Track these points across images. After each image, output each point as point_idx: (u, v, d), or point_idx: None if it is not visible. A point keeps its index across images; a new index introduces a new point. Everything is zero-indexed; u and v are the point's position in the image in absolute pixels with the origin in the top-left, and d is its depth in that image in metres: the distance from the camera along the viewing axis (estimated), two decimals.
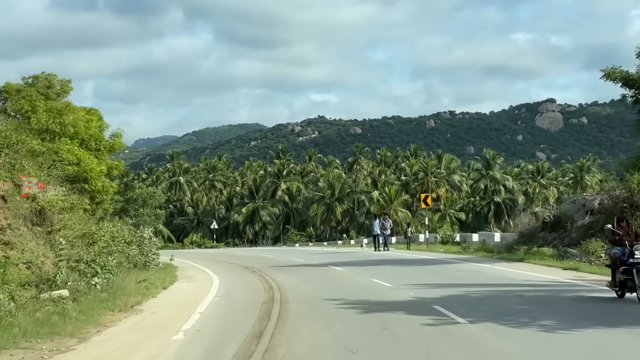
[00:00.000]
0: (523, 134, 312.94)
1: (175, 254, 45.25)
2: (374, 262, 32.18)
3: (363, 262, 32.38)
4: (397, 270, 27.43)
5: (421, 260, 32.47)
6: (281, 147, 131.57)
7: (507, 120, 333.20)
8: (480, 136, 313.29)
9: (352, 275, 25.98)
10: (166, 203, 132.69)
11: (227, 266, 35.26)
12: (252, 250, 59.82)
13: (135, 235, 32.71)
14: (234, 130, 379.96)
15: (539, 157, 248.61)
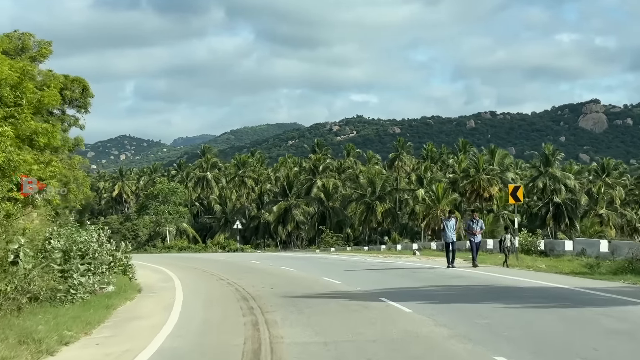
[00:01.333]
0: (566, 135, 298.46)
1: (186, 259, 38.37)
2: (476, 297, 17.32)
3: (450, 295, 18.10)
4: (556, 334, 12.51)
5: (564, 296, 17.46)
6: (317, 141, 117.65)
7: (550, 121, 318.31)
8: (522, 137, 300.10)
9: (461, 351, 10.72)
10: (197, 200, 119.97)
11: (218, 291, 21.58)
12: (275, 258, 45.90)
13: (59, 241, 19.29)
14: (272, 130, 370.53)
15: (582, 159, 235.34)
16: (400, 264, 32.24)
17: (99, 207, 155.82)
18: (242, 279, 25.45)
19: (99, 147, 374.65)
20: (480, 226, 27.79)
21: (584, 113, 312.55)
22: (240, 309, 16.39)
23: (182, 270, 32.97)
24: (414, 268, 27.96)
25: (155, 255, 70.48)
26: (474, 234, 27.51)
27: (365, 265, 31.83)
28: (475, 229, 27.59)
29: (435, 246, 53.99)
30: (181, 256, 58.02)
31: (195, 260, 44.52)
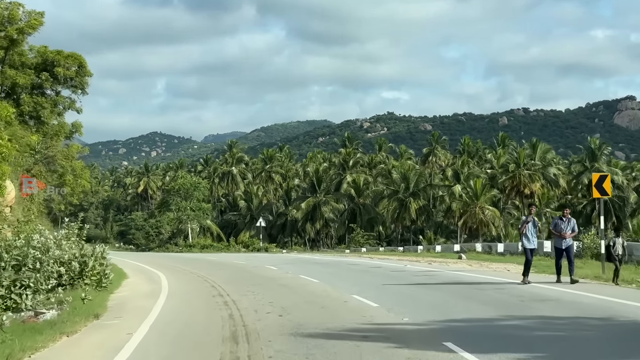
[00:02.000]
0: (601, 132, 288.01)
1: (198, 262, 35.50)
2: (611, 346, 10.28)
3: (558, 337, 11.20)
4: None
5: None
6: (347, 134, 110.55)
7: (584, 118, 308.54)
8: (555, 134, 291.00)
9: None
10: (223, 196, 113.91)
11: (204, 318, 14.96)
12: (297, 262, 39.10)
13: None
14: (302, 127, 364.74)
15: (618, 156, 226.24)
16: (450, 273, 25.33)
17: (125, 203, 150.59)
18: (246, 295, 18.92)
19: (130, 144, 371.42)
20: (572, 227, 20.43)
21: (619, 110, 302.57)
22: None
23: (181, 280, 26.68)
24: (475, 283, 20.83)
25: (171, 255, 64.34)
26: (564, 237, 20.26)
27: (407, 274, 25.07)
28: (565, 231, 20.37)
29: (481, 248, 47.03)
30: (195, 258, 51.62)
31: (206, 265, 38.15)
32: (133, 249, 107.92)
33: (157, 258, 52.70)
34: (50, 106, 38.37)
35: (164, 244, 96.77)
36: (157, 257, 57.38)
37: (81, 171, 41.41)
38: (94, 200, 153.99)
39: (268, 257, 48.12)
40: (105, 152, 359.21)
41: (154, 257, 54.48)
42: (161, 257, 54.41)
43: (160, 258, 52.68)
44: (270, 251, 74.11)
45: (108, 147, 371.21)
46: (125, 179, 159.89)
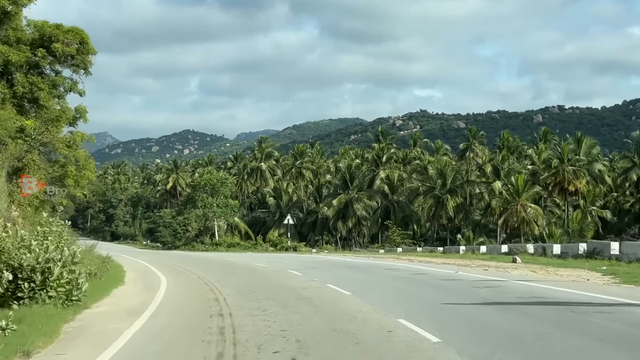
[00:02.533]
0: (639, 129, 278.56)
1: (215, 264, 31.81)
2: None
3: None
4: None
5: None
6: (381, 129, 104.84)
7: (621, 115, 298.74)
8: (592, 132, 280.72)
9: None
10: (252, 193, 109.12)
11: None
12: (326, 265, 33.84)
13: None
14: (334, 125, 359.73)
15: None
16: (518, 285, 19.73)
17: (154, 200, 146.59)
18: (254, 315, 13.82)
19: (163, 142, 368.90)
20: None
21: None
22: None
23: (181, 289, 21.84)
24: (565, 303, 15.07)
25: (192, 255, 59.50)
26: None
27: (464, 285, 19.68)
28: None
29: (533, 249, 41.36)
30: (215, 258, 46.61)
31: (221, 268, 33.22)
32: (159, 247, 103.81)
33: (174, 258, 47.98)
34: (48, 87, 33.48)
35: (190, 242, 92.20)
36: (175, 257, 52.65)
37: (85, 161, 36.48)
38: (122, 197, 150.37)
39: (294, 258, 42.87)
40: (138, 149, 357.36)
41: (171, 258, 49.76)
42: (179, 258, 49.65)
43: (178, 258, 47.95)
44: (299, 250, 69.03)
45: (141, 145, 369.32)
46: (155, 176, 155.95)
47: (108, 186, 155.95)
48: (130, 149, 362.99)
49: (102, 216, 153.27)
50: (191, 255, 55.32)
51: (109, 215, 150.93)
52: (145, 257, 50.38)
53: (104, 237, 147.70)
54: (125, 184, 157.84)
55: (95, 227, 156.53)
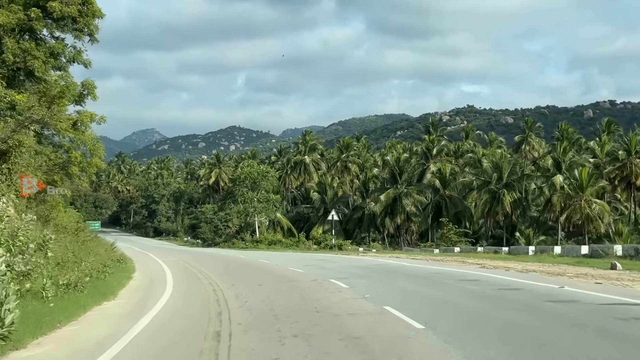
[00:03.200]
0: None
1: (245, 266, 27.15)
2: None
3: None
4: None
5: None
6: (431, 120, 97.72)
7: None
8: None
9: None
10: (296, 188, 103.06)
11: None
12: (377, 271, 27.23)
13: None
14: (380, 121, 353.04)
15: None
16: None
17: (197, 196, 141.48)
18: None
19: (209, 138, 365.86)
20: None
21: None
22: None
23: (183, 313, 15.29)
24: None
25: (227, 254, 53.49)
26: None
27: (600, 315, 12.97)
28: None
29: (621, 251, 34.25)
30: (248, 260, 40.43)
31: (250, 273, 27.02)
32: (199, 244, 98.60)
33: (202, 260, 42.06)
34: (45, 55, 27.57)
35: (230, 239, 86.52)
36: (206, 257, 46.71)
37: (93, 146, 30.54)
38: (165, 193, 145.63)
39: (339, 260, 36.22)
40: (185, 146, 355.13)
41: (201, 259, 43.80)
42: (208, 258, 43.71)
43: (207, 260, 42.00)
44: (345, 249, 62.58)
45: (188, 141, 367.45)
46: (199, 171, 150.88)
47: (151, 181, 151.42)
48: (177, 145, 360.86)
49: (145, 212, 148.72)
50: (223, 255, 49.07)
51: (151, 210, 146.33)
52: (173, 257, 44.58)
53: (147, 233, 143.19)
54: (168, 179, 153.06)
55: (138, 223, 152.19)
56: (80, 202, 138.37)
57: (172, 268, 30.25)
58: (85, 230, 41.35)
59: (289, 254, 48.76)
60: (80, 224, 41.46)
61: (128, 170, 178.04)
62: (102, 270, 23.66)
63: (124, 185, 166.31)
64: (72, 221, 39.66)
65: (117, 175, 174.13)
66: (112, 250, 42.07)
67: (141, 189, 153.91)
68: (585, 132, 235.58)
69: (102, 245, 44.29)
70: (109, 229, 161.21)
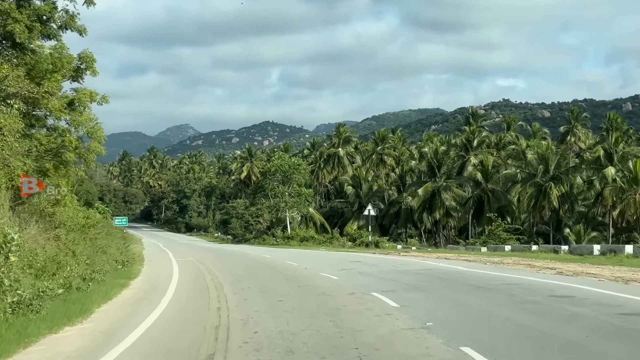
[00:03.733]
0: None
1: (259, 266, 24.30)
2: None
3: None
4: None
5: None
6: (471, 110, 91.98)
7: None
8: None
9: None
10: (329, 182, 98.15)
11: None
12: (425, 275, 22.03)
13: None
14: (414, 115, 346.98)
15: None
16: None
17: (229, 191, 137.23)
18: None
19: (243, 133, 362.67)
20: None
21: None
22: None
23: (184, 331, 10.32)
24: None
25: (254, 252, 48.65)
26: None
27: None
28: None
29: None
30: (273, 260, 35.37)
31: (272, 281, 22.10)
32: (230, 240, 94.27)
33: (223, 259, 37.43)
34: (28, 18, 22.79)
35: (261, 235, 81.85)
36: (228, 256, 42.06)
37: (91, 129, 25.79)
38: (196, 188, 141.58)
39: (379, 262, 30.68)
40: (218, 141, 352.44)
41: (222, 258, 39.17)
42: (229, 258, 38.93)
43: (227, 259, 37.31)
44: (382, 247, 57.32)
45: (221, 137, 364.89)
46: (231, 165, 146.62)
47: (182, 176, 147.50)
48: (210, 140, 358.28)
49: (176, 207, 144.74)
50: (248, 254, 43.74)
51: (182, 206, 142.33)
52: (191, 256, 39.87)
53: (178, 229, 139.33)
54: (199, 173, 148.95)
55: (169, 219, 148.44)
56: (109, 197, 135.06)
57: (183, 272, 25.52)
58: (96, 227, 36.93)
59: (321, 253, 43.71)
60: (90, 220, 36.87)
61: (160, 164, 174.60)
62: (90, 278, 18.96)
63: (156, 180, 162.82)
64: (79, 217, 35.17)
65: (149, 170, 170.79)
66: (125, 249, 37.56)
67: (172, 183, 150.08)
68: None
69: (116, 242, 39.86)
70: (140, 224, 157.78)
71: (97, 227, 37.75)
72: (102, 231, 38.72)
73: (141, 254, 42.32)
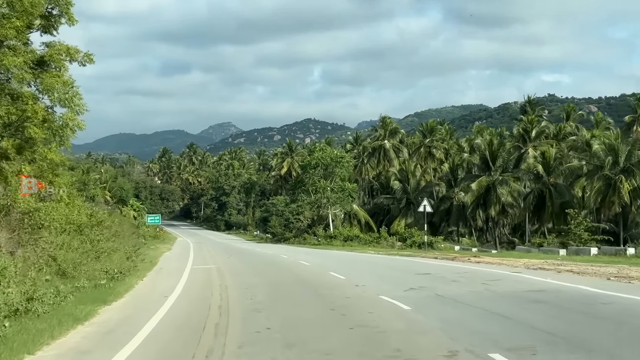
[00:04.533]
0: None
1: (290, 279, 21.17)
2: None
3: None
4: None
5: None
6: (529, 98, 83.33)
7: None
8: None
9: None
10: (373, 177, 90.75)
11: None
12: (577, 327, 14.30)
13: None
14: (457, 112, 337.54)
15: None
16: None
17: (269, 187, 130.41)
18: None
19: (284, 131, 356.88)
20: None
21: None
22: None
23: None
24: None
25: (301, 251, 41.40)
26: None
27: None
28: None
29: None
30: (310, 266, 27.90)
31: (311, 304, 14.57)
32: (269, 239, 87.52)
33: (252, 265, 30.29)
34: None
35: (301, 234, 74.74)
36: (259, 261, 35.00)
37: (64, 95, 18.74)
38: (235, 184, 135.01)
39: (452, 274, 22.39)
40: (260, 139, 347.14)
41: (251, 263, 31.85)
42: (260, 264, 31.39)
43: (257, 265, 30.00)
44: (437, 248, 49.67)
45: (263, 134, 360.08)
46: (271, 161, 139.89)
47: (221, 172, 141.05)
48: (252, 138, 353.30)
49: (215, 204, 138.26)
50: (282, 259, 35.82)
51: (221, 203, 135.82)
52: (213, 263, 32.75)
53: (217, 227, 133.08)
54: (239, 169, 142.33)
55: (208, 216, 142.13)
56: (145, 194, 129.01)
57: (187, 293, 18.28)
58: (100, 225, 30.11)
59: (371, 258, 36.07)
60: (94, 219, 30.00)
61: (199, 161, 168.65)
62: (26, 309, 11.84)
63: (195, 177, 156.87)
64: (80, 214, 28.43)
65: (188, 167, 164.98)
66: (135, 253, 30.60)
67: (211, 180, 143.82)
68: None
69: (129, 243, 33.03)
70: (179, 222, 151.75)
71: (103, 226, 30.87)
72: (109, 231, 31.82)
73: (159, 257, 35.47)
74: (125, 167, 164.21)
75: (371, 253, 43.63)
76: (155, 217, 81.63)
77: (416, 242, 55.19)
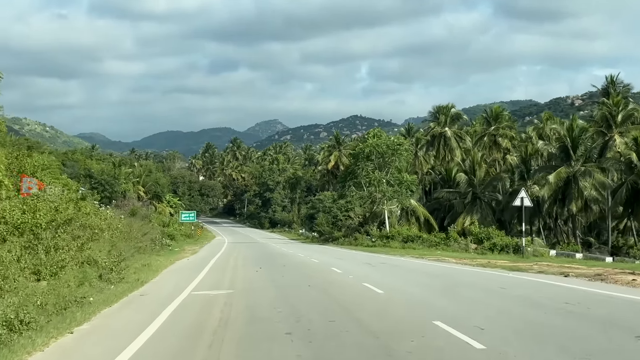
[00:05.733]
0: None
1: None
2: None
3: None
4: None
5: None
6: (611, 77, 71.31)
7: None
8: None
9: None
10: (431, 169, 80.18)
11: None
12: None
13: None
14: (507, 107, 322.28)
15: None
16: None
17: (315, 183, 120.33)
18: None
19: (331, 128, 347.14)
20: None
21: None
22: None
23: None
24: None
25: (350, 255, 31.12)
26: None
27: None
28: None
29: None
30: (379, 287, 17.06)
31: None
32: (316, 238, 77.72)
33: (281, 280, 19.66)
34: None
35: (352, 233, 64.35)
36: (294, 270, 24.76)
37: None
38: (280, 180, 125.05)
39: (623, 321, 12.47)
40: (307, 135, 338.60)
41: (295, 277, 21.15)
42: (300, 280, 20.23)
43: (303, 284, 19.18)
44: (535, 253, 38.75)
45: (310, 131, 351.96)
46: (317, 155, 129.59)
47: (265, 167, 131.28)
48: (299, 135, 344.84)
49: (259, 201, 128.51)
50: (340, 284, 24.38)
51: (265, 199, 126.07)
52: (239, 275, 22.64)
53: (261, 224, 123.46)
54: (284, 164, 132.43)
55: (252, 213, 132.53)
56: (183, 189, 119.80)
57: (177, 324, 7.82)
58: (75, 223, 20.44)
59: (447, 266, 25.12)
60: (60, 215, 20.09)
61: (243, 156, 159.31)
62: None
63: (239, 173, 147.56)
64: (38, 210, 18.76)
65: (231, 162, 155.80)
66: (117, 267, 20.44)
67: (255, 176, 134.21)
68: None
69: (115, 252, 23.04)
70: (222, 219, 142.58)
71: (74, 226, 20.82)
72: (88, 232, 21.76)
73: (164, 269, 25.53)
74: (165, 162, 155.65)
75: (449, 261, 32.73)
76: (190, 214, 72.07)
77: (497, 244, 44.24)
